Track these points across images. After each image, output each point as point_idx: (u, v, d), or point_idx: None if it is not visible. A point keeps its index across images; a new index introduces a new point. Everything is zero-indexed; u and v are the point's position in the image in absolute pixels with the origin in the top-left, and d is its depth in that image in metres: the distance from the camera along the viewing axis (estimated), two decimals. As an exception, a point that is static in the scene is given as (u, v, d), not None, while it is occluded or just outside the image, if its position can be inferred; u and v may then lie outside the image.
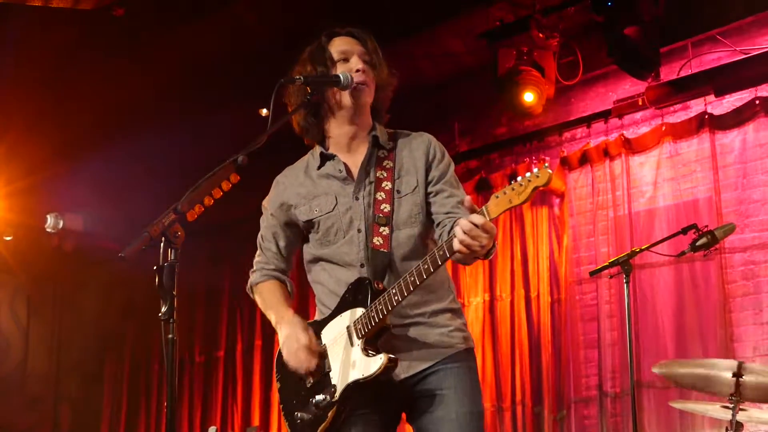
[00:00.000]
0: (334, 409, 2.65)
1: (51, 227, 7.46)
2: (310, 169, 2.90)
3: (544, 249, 6.17)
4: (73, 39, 6.02)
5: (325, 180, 2.85)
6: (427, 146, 2.85)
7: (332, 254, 2.81)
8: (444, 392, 2.68)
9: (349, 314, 2.70)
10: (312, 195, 2.85)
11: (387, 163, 2.81)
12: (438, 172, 2.81)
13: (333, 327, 2.75)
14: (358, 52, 2.84)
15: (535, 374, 6.05)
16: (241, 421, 7.69)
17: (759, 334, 5.22)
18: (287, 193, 2.91)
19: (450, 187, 2.80)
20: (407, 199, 2.78)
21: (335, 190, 2.82)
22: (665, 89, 5.63)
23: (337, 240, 2.80)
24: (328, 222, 2.81)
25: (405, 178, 2.80)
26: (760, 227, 5.36)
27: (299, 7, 5.76)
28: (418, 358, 2.70)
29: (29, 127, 6.80)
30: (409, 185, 2.78)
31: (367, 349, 2.62)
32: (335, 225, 2.80)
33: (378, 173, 2.80)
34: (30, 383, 8.89)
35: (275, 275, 2.98)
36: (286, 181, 2.94)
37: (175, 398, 2.26)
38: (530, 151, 6.41)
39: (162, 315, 2.23)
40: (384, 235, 2.72)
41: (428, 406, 2.69)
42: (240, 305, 7.98)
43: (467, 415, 2.67)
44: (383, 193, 2.77)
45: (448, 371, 2.70)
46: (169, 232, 2.26)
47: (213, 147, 5.06)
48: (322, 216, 2.81)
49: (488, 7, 5.79)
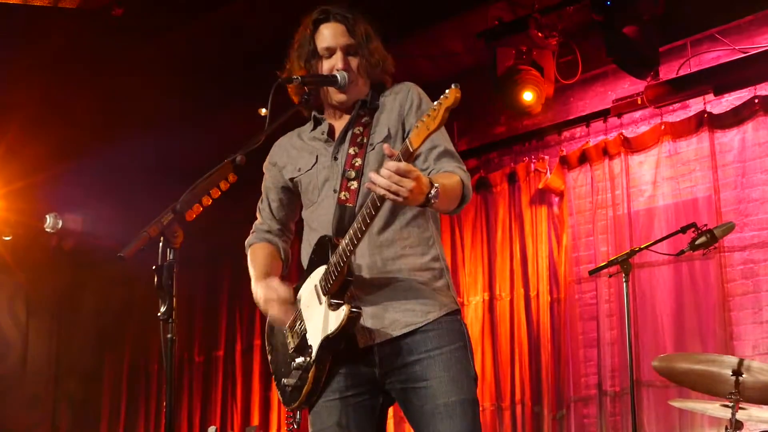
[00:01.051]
0: (313, 369, 2.61)
1: (50, 227, 7.44)
2: (303, 132, 2.92)
3: (544, 248, 6.17)
4: (73, 38, 6.02)
5: (312, 142, 2.85)
6: (405, 94, 2.76)
7: (309, 217, 2.80)
8: (429, 383, 2.56)
9: (315, 273, 2.67)
10: (298, 156, 2.86)
11: (366, 119, 2.75)
12: (414, 119, 2.68)
13: (305, 289, 2.73)
14: (341, 46, 2.77)
15: (534, 373, 6.06)
16: (241, 420, 7.69)
17: (758, 333, 5.22)
18: (279, 154, 2.93)
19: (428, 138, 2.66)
20: (378, 148, 2.68)
21: (318, 151, 2.81)
22: (664, 88, 5.63)
23: (314, 200, 2.78)
24: (307, 180, 2.80)
25: (378, 128, 2.73)
26: (759, 226, 5.36)
27: (299, 7, 5.76)
28: (397, 320, 2.60)
29: (28, 127, 6.80)
30: (381, 135, 2.71)
31: (332, 304, 2.56)
32: (311, 183, 2.78)
33: (356, 129, 2.75)
34: (29, 383, 8.88)
35: (267, 237, 2.98)
36: (282, 142, 2.96)
37: (174, 398, 2.26)
38: (529, 150, 6.41)
39: (161, 315, 2.23)
40: (352, 189, 2.66)
41: (417, 400, 2.58)
42: (239, 305, 7.98)
43: (457, 404, 2.55)
44: (356, 147, 2.71)
45: (433, 359, 2.57)
46: (167, 231, 2.26)
47: (212, 147, 5.06)
48: (302, 175, 2.82)
49: (487, 6, 5.79)
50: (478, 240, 6.46)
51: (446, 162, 2.65)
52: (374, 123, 2.74)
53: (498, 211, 6.44)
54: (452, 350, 2.60)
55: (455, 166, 2.64)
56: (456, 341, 2.63)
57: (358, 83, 2.79)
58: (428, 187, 2.37)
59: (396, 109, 2.74)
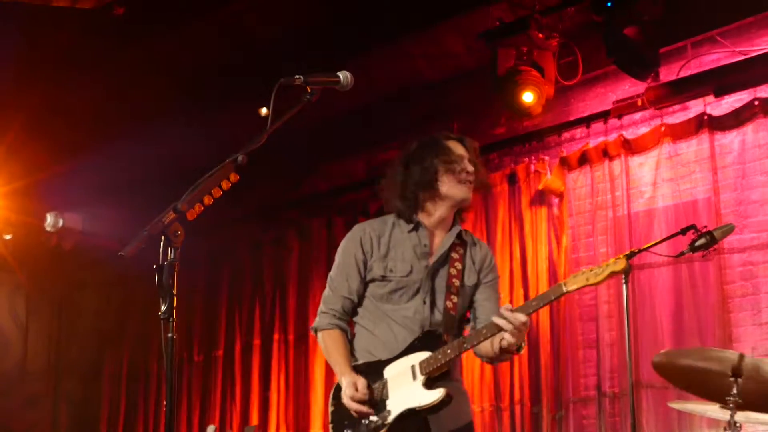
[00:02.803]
0: (385, 429, 3.06)
1: (50, 226, 7.46)
2: (395, 229, 3.34)
3: (543, 249, 6.17)
4: (73, 38, 6.02)
5: (406, 245, 3.29)
6: (484, 255, 3.40)
7: (392, 311, 3.26)
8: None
9: (416, 356, 3.12)
10: (390, 255, 3.29)
11: (460, 250, 3.33)
12: (486, 279, 3.38)
13: (398, 365, 3.15)
14: (467, 158, 3.32)
15: (533, 374, 6.06)
16: (240, 420, 7.69)
17: (758, 335, 5.22)
18: (369, 243, 3.31)
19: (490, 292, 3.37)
20: (467, 290, 3.32)
21: (412, 262, 3.27)
22: (664, 90, 5.63)
23: (401, 302, 3.25)
24: (398, 284, 3.25)
25: (469, 273, 3.33)
26: (759, 228, 5.36)
27: (299, 5, 5.77)
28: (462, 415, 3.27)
29: (29, 127, 6.81)
30: (471, 280, 3.33)
31: (428, 384, 3.05)
32: (404, 289, 3.25)
33: (453, 255, 3.31)
34: (29, 382, 8.89)
35: (337, 323, 3.33)
36: (371, 231, 3.35)
37: (174, 397, 2.27)
38: (529, 151, 6.41)
39: (161, 314, 2.23)
40: (454, 302, 3.24)
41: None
42: (239, 305, 7.99)
43: None
44: (454, 269, 3.28)
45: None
46: (168, 231, 2.26)
47: (212, 146, 5.07)
48: (394, 277, 3.26)
49: (488, 6, 5.79)
50: (478, 241, 6.46)
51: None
52: (466, 260, 3.34)
53: (498, 211, 6.44)
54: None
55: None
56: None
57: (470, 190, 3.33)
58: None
59: (478, 263, 3.36)
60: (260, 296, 7.84)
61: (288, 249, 7.74)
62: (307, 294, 7.47)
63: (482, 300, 3.36)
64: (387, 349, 3.20)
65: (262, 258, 7.93)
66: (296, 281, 7.62)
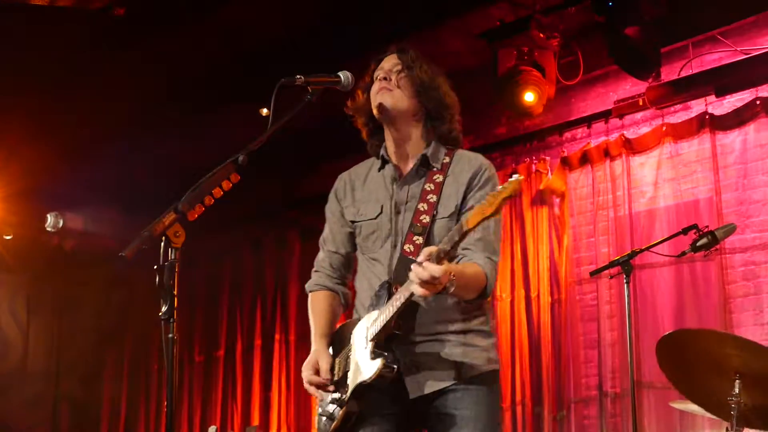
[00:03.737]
0: (345, 408, 2.73)
1: (51, 226, 7.45)
2: (372, 170, 3.02)
3: (545, 249, 6.17)
4: (73, 39, 6.02)
5: (375, 185, 2.96)
6: (476, 170, 2.88)
7: (369, 262, 2.91)
8: (459, 413, 2.72)
9: (369, 316, 2.77)
10: (361, 198, 2.98)
11: (437, 177, 2.86)
12: (473, 200, 2.81)
13: (359, 328, 2.81)
14: (392, 65, 2.93)
15: (535, 374, 6.05)
16: (241, 420, 7.69)
17: (759, 335, 5.21)
18: (343, 190, 3.04)
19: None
20: (444, 223, 2.81)
21: (384, 198, 2.92)
22: (666, 89, 5.62)
23: (375, 248, 2.89)
24: (370, 228, 2.91)
25: (446, 201, 2.84)
26: (761, 228, 5.35)
27: (299, 6, 5.76)
28: (438, 378, 2.75)
29: (30, 127, 6.80)
30: (448, 209, 2.83)
31: (374, 352, 2.67)
32: (376, 233, 2.90)
33: (426, 185, 2.86)
34: (29, 382, 8.89)
35: (326, 284, 3.05)
36: (347, 177, 3.07)
37: (174, 398, 2.26)
38: (530, 151, 6.41)
39: (162, 314, 2.23)
40: (416, 244, 2.77)
41: (444, 428, 2.74)
42: (240, 305, 7.99)
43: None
44: (426, 204, 2.82)
45: (467, 392, 2.74)
46: (169, 231, 2.26)
47: (213, 147, 5.06)
48: (364, 222, 2.93)
49: (488, 6, 5.78)
50: (479, 241, 6.45)
51: (481, 253, 2.75)
52: (445, 185, 2.84)
53: (499, 211, 6.43)
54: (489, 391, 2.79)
55: (486, 258, 2.75)
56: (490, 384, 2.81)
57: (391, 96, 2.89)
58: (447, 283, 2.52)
59: (463, 185, 2.84)
60: (261, 296, 7.84)
61: (289, 249, 7.74)
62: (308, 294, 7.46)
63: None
64: (364, 308, 2.86)
65: (263, 258, 7.93)
66: (297, 281, 7.61)
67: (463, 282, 2.61)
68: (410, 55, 2.98)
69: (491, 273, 2.75)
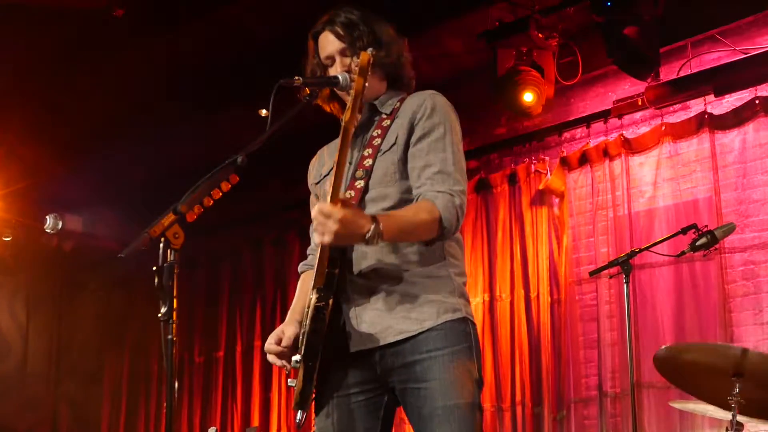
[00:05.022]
0: (301, 367, 2.54)
1: (50, 228, 7.43)
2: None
3: (544, 249, 6.17)
4: (73, 39, 6.02)
5: (334, 146, 2.71)
6: (420, 102, 2.66)
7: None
8: (429, 384, 2.48)
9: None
10: (320, 165, 2.89)
11: (385, 122, 2.69)
12: (420, 131, 2.61)
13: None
14: (337, 50, 2.76)
15: (534, 374, 6.05)
16: (241, 421, 7.69)
17: (759, 335, 5.22)
18: (313, 165, 2.95)
19: (425, 153, 2.58)
20: (386, 156, 2.62)
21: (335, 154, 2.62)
22: (665, 89, 5.62)
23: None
24: (325, 186, 2.74)
25: (389, 135, 2.65)
26: (760, 227, 5.35)
27: (299, 7, 5.76)
28: (391, 327, 2.52)
29: (29, 128, 6.80)
30: (389, 142, 2.64)
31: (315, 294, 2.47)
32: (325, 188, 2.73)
33: (374, 132, 2.69)
34: (29, 384, 8.89)
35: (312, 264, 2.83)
36: (319, 151, 2.97)
37: (174, 399, 2.26)
38: (530, 151, 6.41)
39: (161, 316, 2.23)
40: (357, 188, 2.59)
41: (416, 401, 2.51)
42: (239, 306, 7.98)
43: (455, 408, 2.46)
44: (370, 149, 2.65)
45: (434, 360, 2.48)
46: (168, 232, 2.26)
47: (212, 148, 5.06)
48: (321, 180, 2.82)
49: (487, 7, 5.78)
50: (479, 241, 6.46)
51: (436, 186, 2.54)
52: (390, 131, 2.66)
53: (498, 212, 6.44)
54: (455, 351, 2.51)
55: (438, 193, 2.52)
56: (460, 342, 2.53)
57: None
58: (366, 228, 2.32)
59: (408, 116, 2.66)
60: (261, 297, 7.83)
61: (289, 250, 7.74)
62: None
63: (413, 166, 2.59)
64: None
65: (263, 259, 7.93)
66: (297, 282, 7.60)
67: (395, 226, 2.40)
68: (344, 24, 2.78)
69: (446, 207, 2.49)
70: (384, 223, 2.36)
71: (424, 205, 2.50)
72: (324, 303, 2.45)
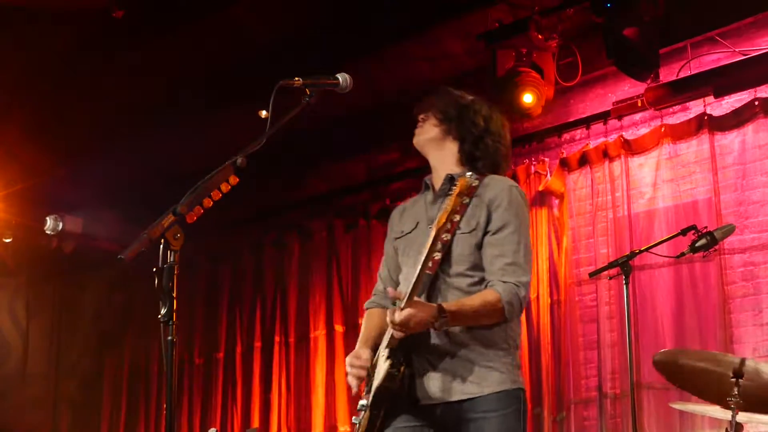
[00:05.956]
0: (367, 413, 2.84)
1: (50, 229, 7.45)
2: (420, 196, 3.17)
3: (544, 250, 6.17)
4: (73, 40, 6.02)
5: (416, 207, 3.12)
6: (497, 191, 2.95)
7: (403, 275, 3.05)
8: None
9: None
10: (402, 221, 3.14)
11: (465, 200, 2.85)
12: (499, 222, 2.93)
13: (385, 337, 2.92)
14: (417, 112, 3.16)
15: (534, 375, 6.05)
16: (241, 422, 7.68)
17: (759, 335, 5.22)
18: (393, 219, 3.21)
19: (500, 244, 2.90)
20: (465, 238, 2.90)
21: (419, 217, 3.06)
22: (664, 90, 5.62)
23: (407, 261, 3.02)
24: (404, 243, 3.05)
25: (469, 217, 2.90)
26: (760, 228, 5.35)
27: (299, 7, 5.77)
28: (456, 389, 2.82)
29: (29, 129, 6.80)
30: (469, 225, 2.90)
31: (388, 358, 2.79)
32: (409, 246, 3.02)
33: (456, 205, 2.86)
34: (29, 384, 8.89)
35: (381, 303, 3.16)
36: (401, 206, 3.24)
37: (174, 400, 2.26)
38: (529, 152, 6.41)
39: (161, 317, 2.23)
40: (435, 260, 2.82)
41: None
42: (239, 307, 7.98)
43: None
44: (449, 224, 2.83)
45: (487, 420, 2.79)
46: (168, 234, 2.26)
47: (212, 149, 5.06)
48: (402, 237, 3.08)
49: (487, 8, 5.79)
50: (479, 242, 6.45)
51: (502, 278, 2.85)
52: (469, 211, 2.89)
53: (498, 212, 6.43)
54: (506, 414, 2.82)
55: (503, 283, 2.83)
56: (511, 406, 2.84)
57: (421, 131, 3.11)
58: (435, 323, 2.70)
59: (486, 202, 2.92)
60: (261, 298, 7.83)
61: (289, 251, 7.74)
62: (308, 296, 7.47)
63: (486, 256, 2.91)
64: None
65: (263, 260, 7.93)
66: (297, 283, 7.61)
67: (461, 315, 2.75)
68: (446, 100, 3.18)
69: (510, 299, 2.81)
70: (451, 316, 2.72)
71: (490, 296, 2.81)
72: (396, 370, 2.77)
